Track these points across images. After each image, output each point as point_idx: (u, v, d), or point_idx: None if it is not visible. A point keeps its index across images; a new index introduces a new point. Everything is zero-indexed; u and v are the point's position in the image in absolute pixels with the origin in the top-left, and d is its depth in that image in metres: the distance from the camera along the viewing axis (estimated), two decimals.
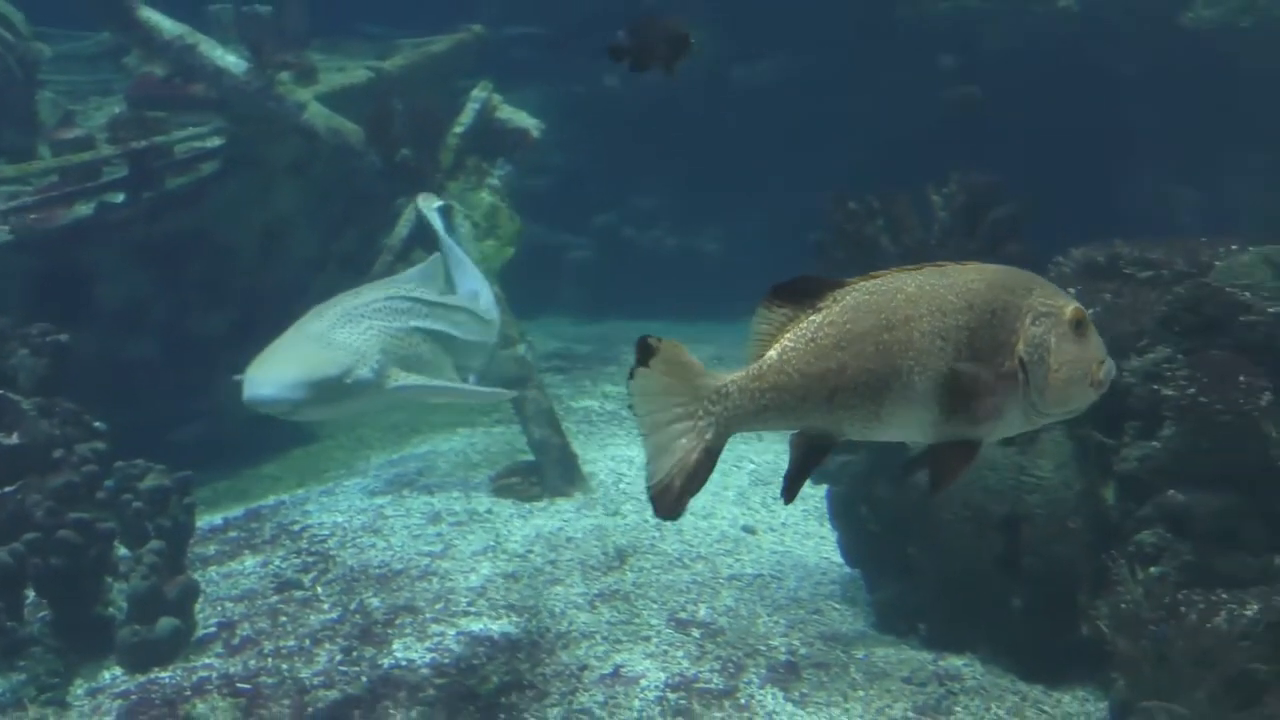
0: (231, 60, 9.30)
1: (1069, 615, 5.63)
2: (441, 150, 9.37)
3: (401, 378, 5.72)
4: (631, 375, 3.08)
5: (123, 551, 6.86)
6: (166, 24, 9.16)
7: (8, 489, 6.58)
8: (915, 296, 2.99)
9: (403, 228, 9.08)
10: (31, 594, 6.53)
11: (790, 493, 3.09)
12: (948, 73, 13.25)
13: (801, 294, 3.02)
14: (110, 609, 6.65)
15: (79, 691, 6.26)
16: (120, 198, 9.13)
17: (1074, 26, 13.25)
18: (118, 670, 6.42)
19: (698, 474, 3.02)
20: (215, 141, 9.62)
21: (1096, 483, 5.67)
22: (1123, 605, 5.18)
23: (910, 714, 5.69)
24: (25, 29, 10.34)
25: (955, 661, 6.11)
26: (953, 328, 2.97)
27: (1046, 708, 5.65)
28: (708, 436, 3.01)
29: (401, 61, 11.01)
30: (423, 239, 9.24)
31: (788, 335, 3.01)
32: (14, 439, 6.80)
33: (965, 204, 6.88)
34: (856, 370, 2.96)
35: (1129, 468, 5.50)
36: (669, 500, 3.02)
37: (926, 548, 6.27)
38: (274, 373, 5.26)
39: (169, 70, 10.40)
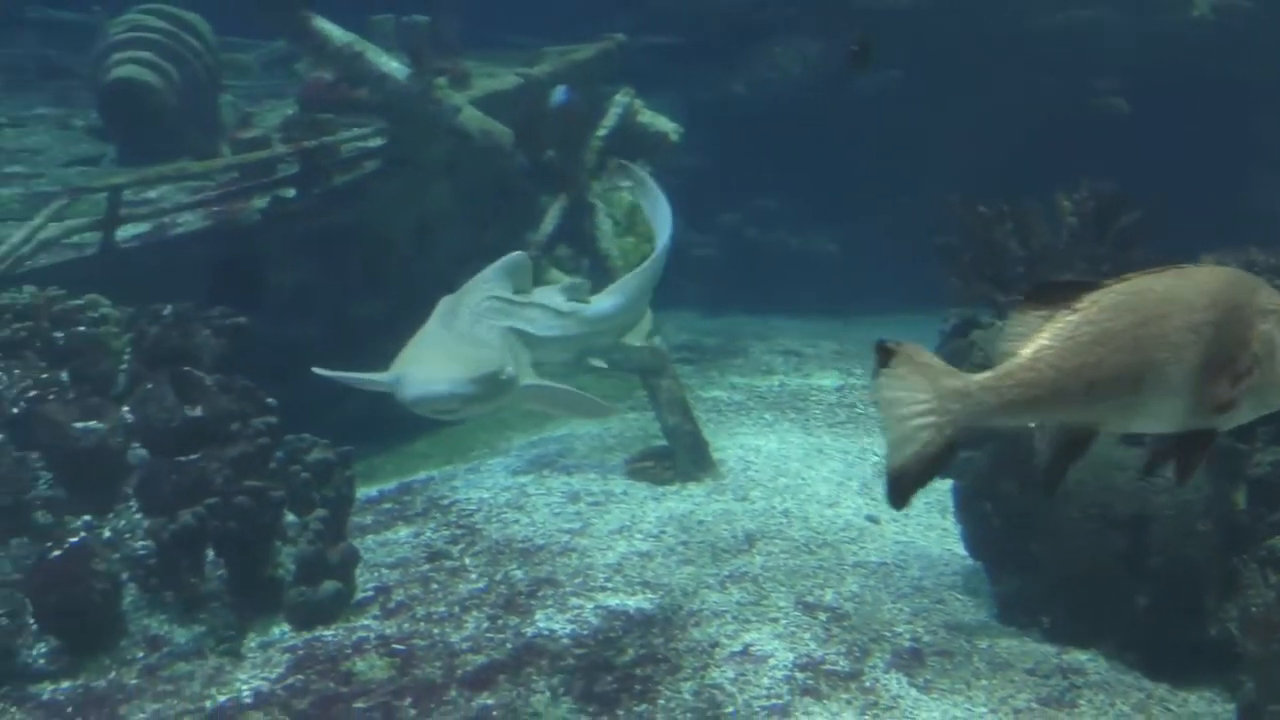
0: (394, 66, 9.39)
1: (1196, 616, 5.41)
2: (585, 152, 9.35)
3: (530, 378, 5.58)
4: (875, 375, 3.25)
5: (290, 518, 7.00)
6: (336, 33, 9.28)
7: (191, 457, 6.75)
8: (1165, 296, 3.11)
9: (548, 224, 9.11)
10: (211, 554, 6.68)
11: (1051, 485, 3.32)
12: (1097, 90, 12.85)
13: (1057, 296, 3.13)
14: (280, 571, 6.76)
15: (252, 644, 6.39)
16: (292, 192, 9.32)
17: (1206, 34, 12.78)
18: (286, 627, 6.54)
19: (935, 465, 3.18)
20: (377, 141, 9.74)
21: (1227, 487, 5.43)
22: (1253, 609, 4.93)
23: (1034, 705, 5.50)
24: (212, 39, 10.63)
25: (1079, 656, 5.89)
26: (1200, 323, 3.10)
27: (1172, 706, 5.41)
28: (947, 432, 3.15)
29: (549, 68, 11.03)
30: (566, 234, 9.28)
31: (1044, 334, 3.12)
32: (197, 412, 6.96)
33: (1095, 210, 6.66)
34: (1115, 364, 3.08)
35: (1261, 473, 5.27)
36: (903, 485, 3.19)
37: (1050, 544, 6.06)
38: (439, 371, 5.02)
39: (337, 75, 10.58)
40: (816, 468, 8.74)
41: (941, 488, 7.63)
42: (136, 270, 8.47)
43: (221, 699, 5.86)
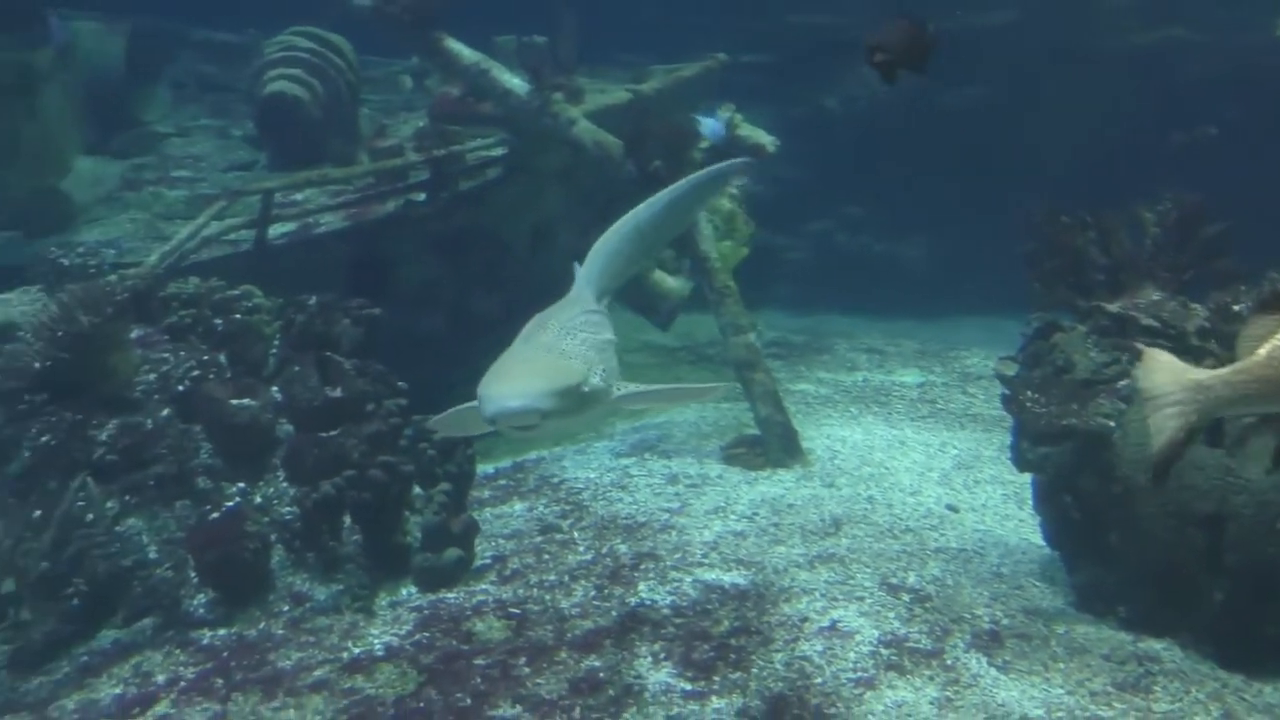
0: (516, 83, 9.44)
1: (1273, 611, 5.18)
2: (688, 162, 9.29)
3: (623, 387, 5.06)
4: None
5: (417, 491, 7.08)
6: (466, 52, 9.36)
7: (332, 433, 6.86)
8: None
9: None
10: (348, 520, 6.79)
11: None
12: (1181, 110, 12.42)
13: None
14: (408, 538, 6.84)
15: (382, 603, 6.47)
16: (422, 197, 9.43)
17: None
18: (413, 589, 6.61)
19: (1180, 447, 3.58)
20: (499, 151, 9.82)
21: None
22: None
23: (1110, 689, 5.32)
24: (353, 58, 10.78)
25: (1154, 644, 5.69)
26: None
27: (1247, 696, 5.19)
28: (1192, 419, 3.54)
29: (656, 84, 11.00)
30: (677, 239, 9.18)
31: (1278, 337, 3.43)
32: (337, 393, 7.07)
33: (1178, 220, 6.42)
34: None
35: None
36: (1162, 465, 3.65)
37: (1128, 537, 5.86)
38: (519, 385, 4.44)
39: (464, 91, 10.67)
40: (899, 458, 8.59)
41: (1018, 481, 7.48)
42: (285, 265, 8.64)
43: (357, 651, 5.94)
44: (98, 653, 6.13)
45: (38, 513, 6.23)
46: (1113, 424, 5.95)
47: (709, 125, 9.38)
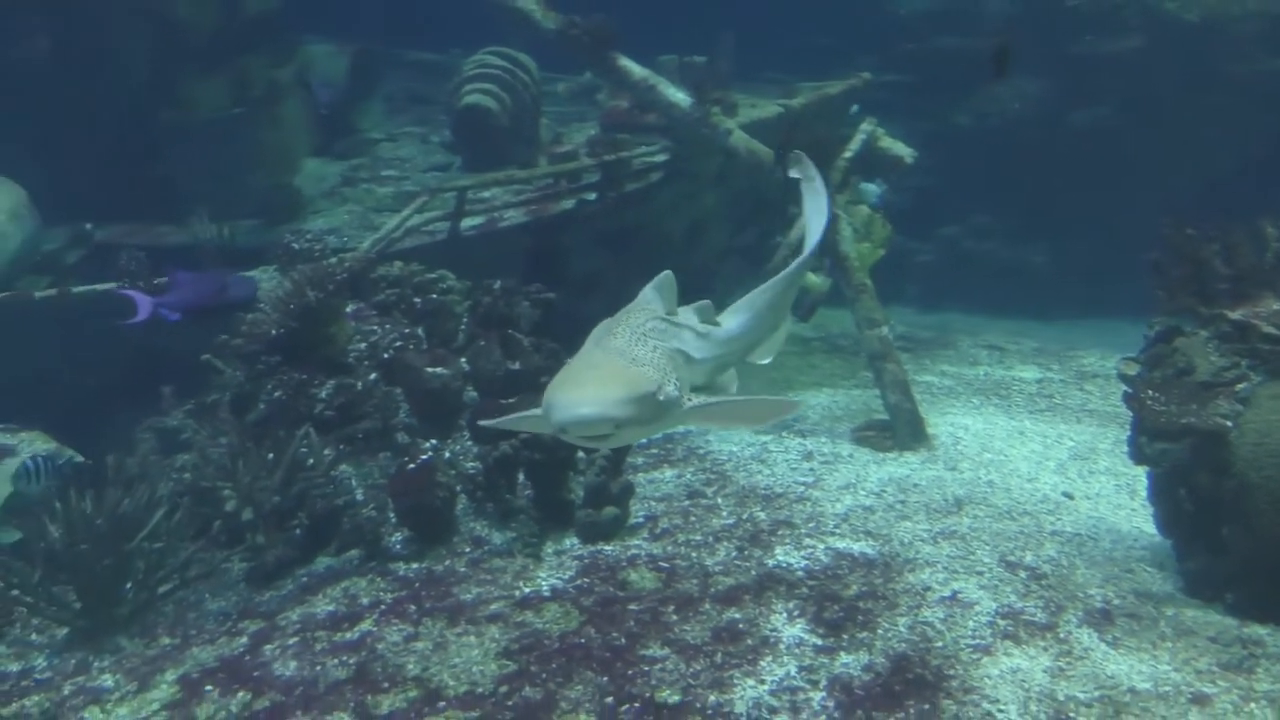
0: (679, 97, 9.47)
1: None
2: (832, 171, 9.17)
3: (694, 398, 4.45)
4: None
5: (580, 454, 7.20)
6: (636, 69, 9.43)
7: (510, 400, 7.05)
8: None
9: (797, 230, 8.97)
10: (522, 477, 6.97)
11: None
12: None
13: None
14: (571, 495, 6.99)
15: (549, 551, 6.62)
16: (593, 196, 9.56)
17: None
18: (575, 540, 6.74)
19: None
20: (662, 157, 9.88)
21: None
22: None
23: (1215, 668, 5.07)
24: (536, 73, 10.99)
25: (1259, 630, 5.38)
26: None
27: None
28: None
29: (803, 100, 10.87)
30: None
31: None
32: (516, 365, 7.26)
33: None
34: None
35: None
36: None
37: (1240, 530, 5.55)
38: (591, 392, 3.86)
39: (632, 103, 10.77)
40: (1018, 447, 8.32)
41: (1132, 473, 7.17)
42: (473, 253, 8.90)
43: (527, 590, 6.10)
44: (314, 575, 6.47)
45: (270, 456, 6.61)
46: (1230, 424, 5.63)
47: (870, 190, 9.28)
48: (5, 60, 9.31)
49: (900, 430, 8.28)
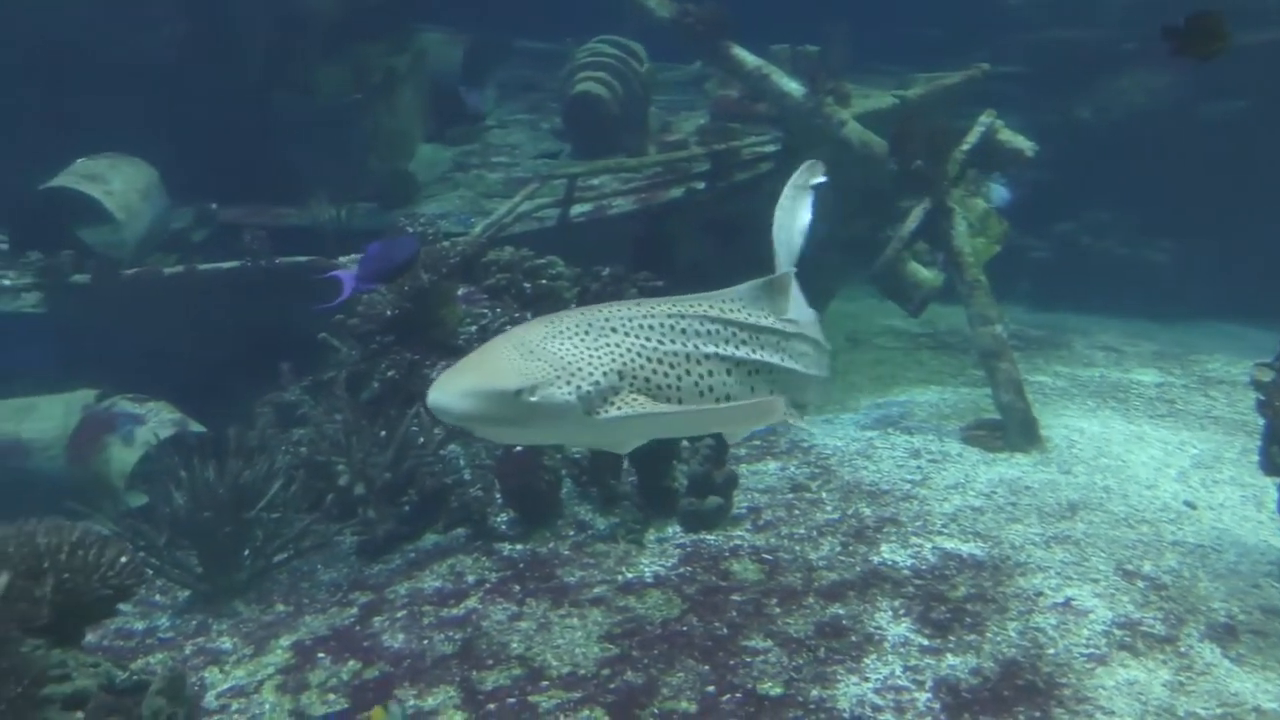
0: (792, 86, 9.38)
1: None
2: (948, 163, 8.95)
3: (630, 408, 3.57)
4: None
5: (684, 443, 7.20)
6: (749, 58, 9.38)
7: None
8: None
9: (911, 223, 8.81)
10: (626, 463, 7.01)
11: None
12: None
13: None
14: (675, 483, 7.00)
15: (651, 538, 6.64)
16: (701, 185, 9.54)
17: None
18: (678, 528, 6.76)
19: None
20: (772, 147, 9.79)
21: None
22: None
23: None
24: (647, 61, 11.00)
25: None
26: None
27: None
28: None
29: (920, 91, 10.65)
30: (926, 234, 8.92)
31: None
32: None
33: None
34: None
35: None
36: None
37: None
38: (453, 380, 3.46)
39: (742, 93, 10.71)
40: (1136, 453, 8.02)
41: (1260, 484, 6.86)
42: (582, 240, 8.97)
43: (629, 575, 6.15)
44: (422, 551, 6.63)
45: (383, 433, 6.79)
46: None
47: (998, 192, 9.04)
48: (142, 46, 9.71)
49: (1012, 431, 8.06)
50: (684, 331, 3.79)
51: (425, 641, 5.60)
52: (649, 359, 3.67)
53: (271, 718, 5.13)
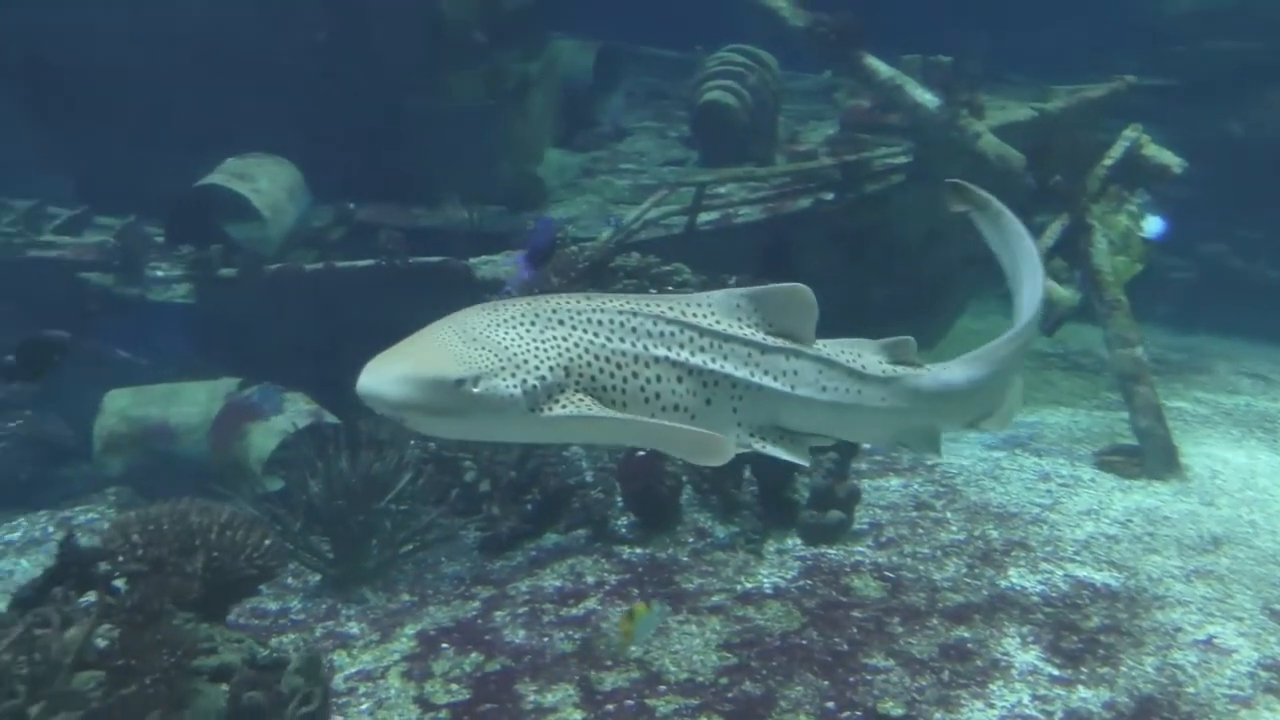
0: (927, 98, 9.21)
1: None
2: (1089, 178, 8.67)
3: (575, 407, 3.29)
4: None
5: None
6: (883, 68, 9.26)
7: None
8: None
9: (1048, 239, 8.53)
10: (747, 472, 7.00)
11: None
12: None
13: None
14: (795, 495, 6.97)
15: (770, 549, 6.63)
16: (830, 196, 9.46)
17: None
18: (798, 540, 6.72)
19: None
20: (903, 159, 9.64)
21: None
22: None
23: None
24: (777, 71, 10.98)
25: None
26: None
27: None
28: None
29: (1060, 103, 10.32)
30: (1064, 250, 8.66)
31: None
32: None
33: None
34: None
35: None
36: None
37: None
38: (388, 365, 3.19)
39: (873, 103, 10.57)
40: None
41: None
42: (708, 248, 8.98)
43: (748, 586, 6.15)
44: (543, 550, 6.76)
45: None
46: None
47: (1154, 222, 8.70)
48: (287, 48, 10.14)
49: (1150, 458, 7.75)
50: (634, 330, 3.44)
51: (545, 639, 5.70)
52: (596, 356, 3.36)
53: (397, 704, 5.29)
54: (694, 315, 3.52)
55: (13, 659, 3.54)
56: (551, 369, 3.25)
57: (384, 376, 3.13)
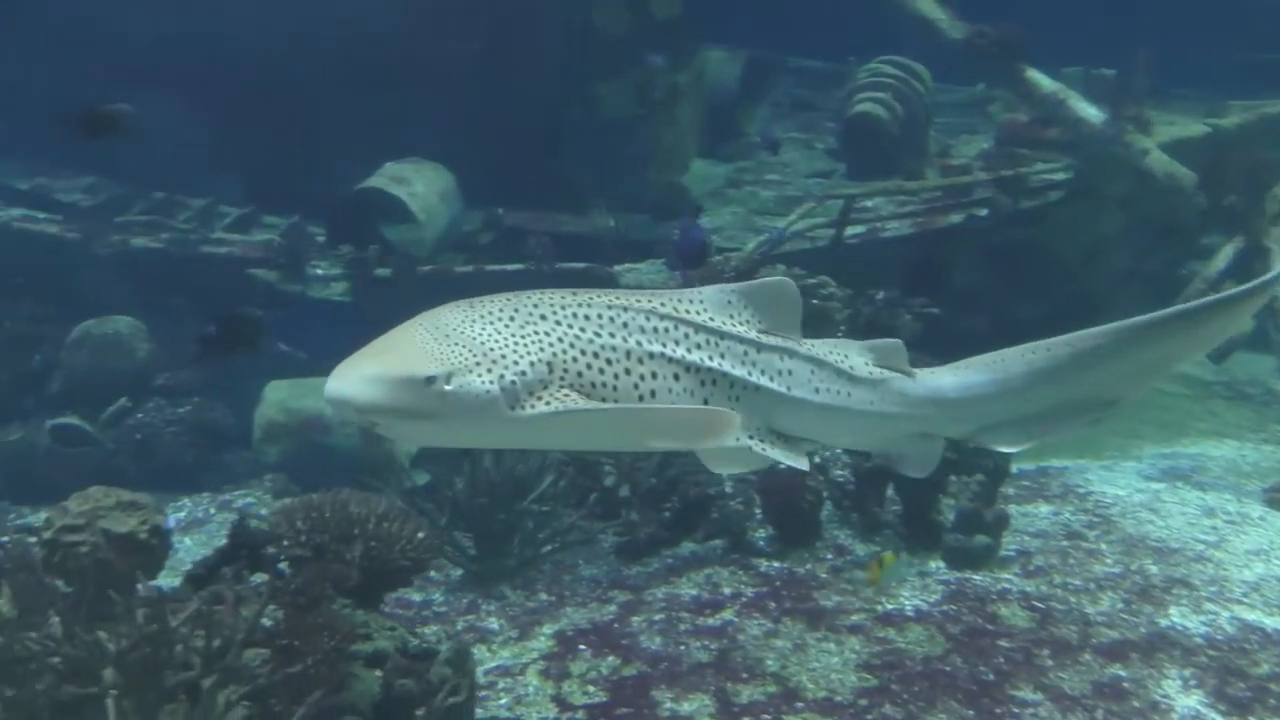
0: (1091, 112, 8.91)
1: None
2: (1268, 199, 8.22)
3: (561, 403, 3.04)
4: None
5: (952, 477, 6.97)
6: (1045, 82, 9.00)
7: None
8: None
9: (1220, 261, 8.16)
10: (890, 491, 6.87)
11: None
12: None
13: None
14: (940, 517, 6.79)
15: (912, 570, 6.47)
16: (983, 212, 9.23)
17: None
18: (941, 564, 6.53)
19: None
20: (1063, 175, 9.34)
21: None
22: None
23: None
24: (930, 84, 10.79)
25: None
26: None
27: None
28: None
29: (1237, 120, 9.83)
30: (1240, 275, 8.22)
31: None
32: None
33: None
34: None
35: None
36: None
37: None
38: (356, 365, 2.98)
39: (1031, 117, 10.26)
40: None
41: None
42: (854, 261, 8.88)
43: (889, 607, 6.01)
44: (679, 558, 6.77)
45: None
46: None
47: None
48: (445, 57, 10.49)
49: None
50: (625, 325, 3.23)
51: (681, 647, 5.70)
52: (583, 351, 3.13)
53: (535, 701, 5.38)
54: (687, 311, 3.37)
55: (190, 631, 3.75)
56: (533, 364, 3.04)
57: (350, 378, 2.93)
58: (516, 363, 3.01)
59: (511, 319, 3.11)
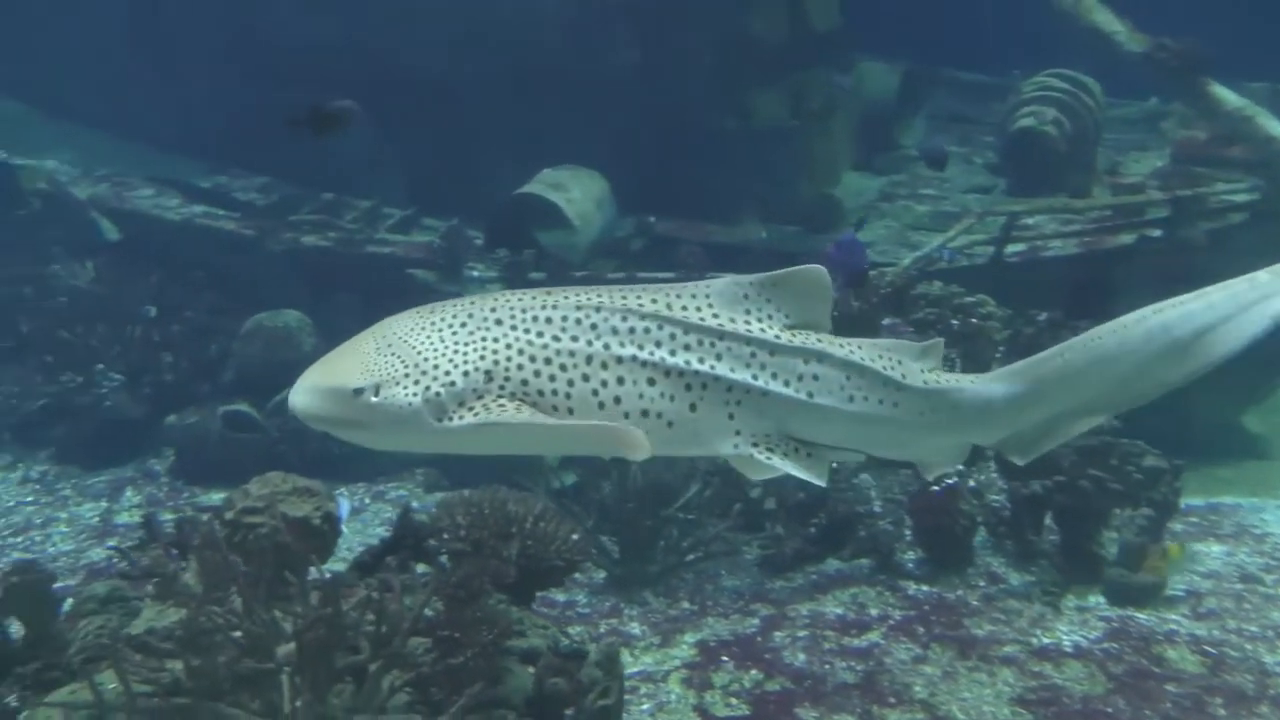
0: None
1: None
2: None
3: (485, 414, 3.00)
4: None
5: (1116, 510, 6.67)
6: (1231, 97, 8.50)
7: None
8: None
9: None
10: (1048, 520, 6.62)
11: None
12: None
13: None
14: (1101, 549, 6.51)
15: (1069, 604, 6.24)
16: (1157, 233, 8.79)
17: None
18: (1101, 599, 6.28)
19: None
20: (1245, 196, 8.81)
21: None
22: None
23: None
24: (1101, 98, 10.36)
25: None
26: None
27: None
28: None
29: None
30: None
31: None
32: None
33: None
34: None
35: None
36: None
37: None
38: (306, 375, 3.15)
39: (1211, 134, 9.72)
40: None
41: None
42: (1014, 281, 8.58)
43: (1045, 641, 5.80)
44: (824, 575, 6.69)
45: None
46: None
47: None
48: (602, 66, 10.64)
49: None
50: (594, 328, 3.11)
51: (826, 666, 5.63)
52: (532, 358, 3.06)
53: (677, 709, 5.40)
54: (681, 310, 3.18)
55: (360, 616, 3.90)
56: (467, 374, 3.04)
57: (297, 387, 3.11)
58: (448, 373, 3.04)
59: (463, 325, 3.11)
